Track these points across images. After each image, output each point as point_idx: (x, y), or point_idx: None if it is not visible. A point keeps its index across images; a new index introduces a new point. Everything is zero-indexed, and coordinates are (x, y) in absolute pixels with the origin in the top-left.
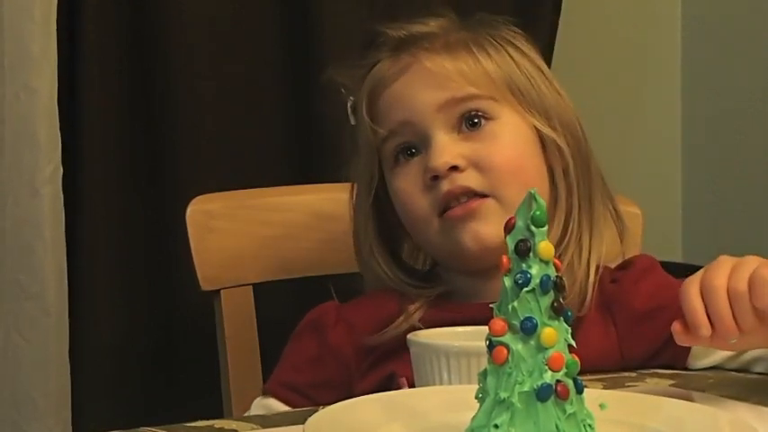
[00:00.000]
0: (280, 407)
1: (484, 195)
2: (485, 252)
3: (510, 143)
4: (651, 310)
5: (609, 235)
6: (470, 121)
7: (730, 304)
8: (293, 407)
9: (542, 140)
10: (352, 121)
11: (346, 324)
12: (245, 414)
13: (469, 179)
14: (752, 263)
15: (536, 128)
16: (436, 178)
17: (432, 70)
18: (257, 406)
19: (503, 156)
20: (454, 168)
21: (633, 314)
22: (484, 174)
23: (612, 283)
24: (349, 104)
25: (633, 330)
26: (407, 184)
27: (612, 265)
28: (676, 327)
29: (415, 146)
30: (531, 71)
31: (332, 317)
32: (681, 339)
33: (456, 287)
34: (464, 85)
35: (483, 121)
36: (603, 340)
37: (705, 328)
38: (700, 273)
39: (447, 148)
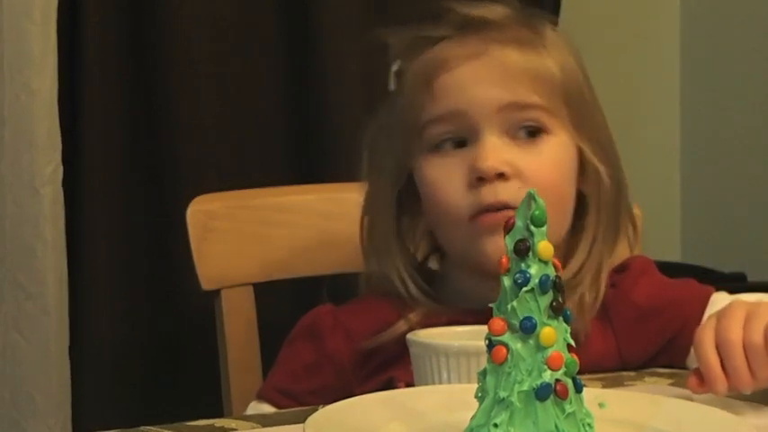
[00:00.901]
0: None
1: None
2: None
3: (557, 164)
4: (649, 311)
5: (621, 248)
6: (526, 131)
7: (746, 356)
8: None
9: (582, 164)
10: (392, 87)
11: (344, 330)
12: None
13: (511, 192)
14: (766, 313)
15: (580, 150)
16: (481, 180)
17: (501, 66)
18: (253, 411)
19: (548, 177)
20: (500, 175)
21: (631, 316)
22: (527, 188)
23: (611, 287)
24: (394, 69)
25: (632, 332)
26: (446, 177)
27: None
28: (693, 381)
29: (463, 138)
30: (584, 82)
31: (329, 322)
32: (696, 391)
33: (461, 287)
34: (530, 91)
35: (538, 133)
36: (602, 344)
37: (722, 384)
38: (713, 321)
39: (497, 151)
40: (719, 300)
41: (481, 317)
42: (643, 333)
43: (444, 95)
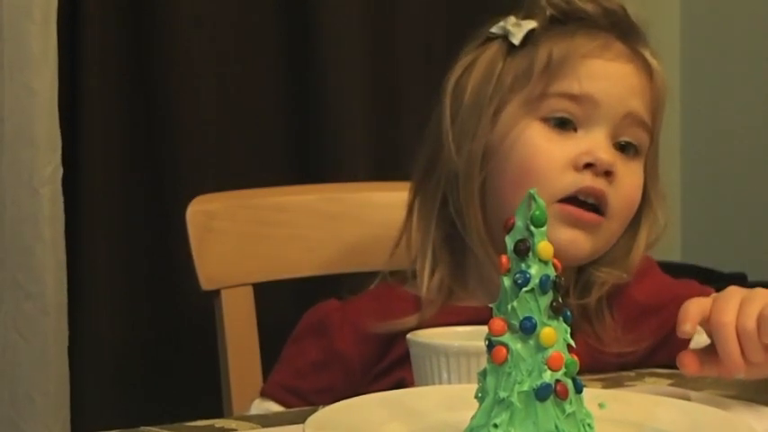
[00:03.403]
0: (281, 411)
1: (602, 213)
2: (568, 260)
3: (640, 186)
4: (650, 308)
5: None
6: (621, 144)
7: (739, 341)
8: None
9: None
10: (517, 41)
11: (352, 327)
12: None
13: (611, 192)
14: (760, 298)
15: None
16: (589, 166)
17: (646, 77)
18: (257, 409)
19: (635, 193)
20: (608, 173)
21: (632, 314)
22: (617, 196)
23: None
24: (530, 26)
25: (631, 328)
26: (553, 148)
27: None
28: (685, 359)
29: (575, 122)
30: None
31: (337, 320)
32: (689, 371)
33: (472, 272)
34: (649, 111)
35: (632, 152)
36: (604, 338)
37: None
38: (708, 301)
39: (610, 150)
40: None
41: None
42: (641, 330)
43: (589, 79)
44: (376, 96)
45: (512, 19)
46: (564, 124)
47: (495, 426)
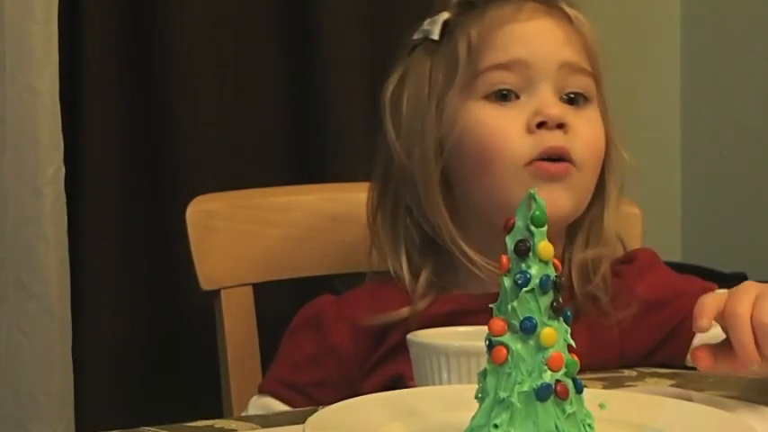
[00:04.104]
0: (279, 406)
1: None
2: (550, 221)
3: (600, 129)
4: (653, 303)
5: None
6: (570, 96)
7: (754, 334)
8: (293, 406)
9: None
10: (435, 36)
11: (347, 320)
12: (243, 414)
13: (572, 143)
14: None
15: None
16: (541, 125)
17: (568, 26)
18: (255, 406)
19: (597, 138)
20: (561, 126)
21: (635, 310)
22: (580, 145)
23: (615, 277)
24: (443, 18)
25: (635, 324)
26: (505, 121)
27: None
28: (698, 353)
29: (516, 91)
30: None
31: (332, 313)
32: (703, 366)
33: (461, 265)
34: (584, 57)
35: (582, 101)
36: (606, 332)
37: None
38: (723, 295)
39: (557, 104)
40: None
41: (486, 299)
42: (645, 325)
43: (512, 44)
44: (376, 96)
45: (427, 20)
46: (506, 96)
47: (496, 426)
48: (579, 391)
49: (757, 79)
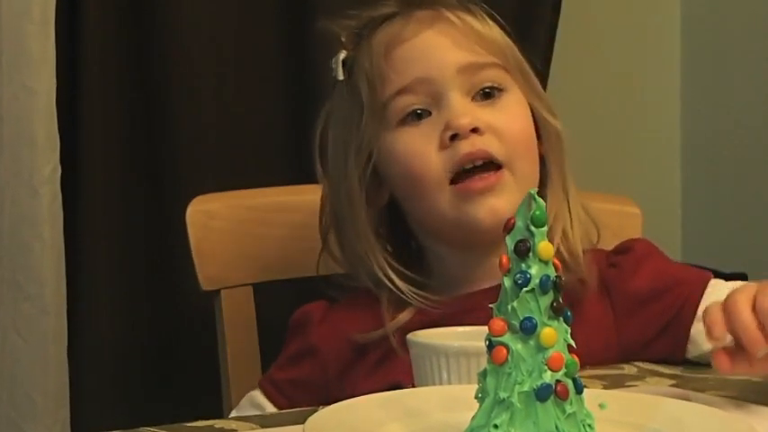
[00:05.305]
0: (261, 400)
1: (499, 166)
2: (498, 225)
3: (522, 116)
4: (651, 294)
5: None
6: (485, 91)
7: (759, 321)
8: (272, 402)
9: (536, 125)
10: (340, 76)
11: (331, 325)
12: (235, 408)
13: (490, 144)
14: None
15: (532, 108)
16: (455, 137)
17: (455, 30)
18: (245, 399)
19: (519, 129)
20: (475, 131)
21: (633, 298)
22: (501, 141)
23: (611, 267)
24: (341, 57)
25: (632, 315)
26: (420, 143)
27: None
28: (717, 358)
29: (427, 108)
30: (519, 50)
31: (317, 316)
32: (723, 370)
33: (445, 270)
34: (483, 50)
35: (497, 93)
36: (601, 321)
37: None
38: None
39: (467, 109)
40: (717, 285)
41: (470, 301)
42: (644, 315)
43: (405, 66)
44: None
45: (333, 59)
46: (420, 115)
47: (496, 426)
48: (579, 391)
49: (757, 79)
